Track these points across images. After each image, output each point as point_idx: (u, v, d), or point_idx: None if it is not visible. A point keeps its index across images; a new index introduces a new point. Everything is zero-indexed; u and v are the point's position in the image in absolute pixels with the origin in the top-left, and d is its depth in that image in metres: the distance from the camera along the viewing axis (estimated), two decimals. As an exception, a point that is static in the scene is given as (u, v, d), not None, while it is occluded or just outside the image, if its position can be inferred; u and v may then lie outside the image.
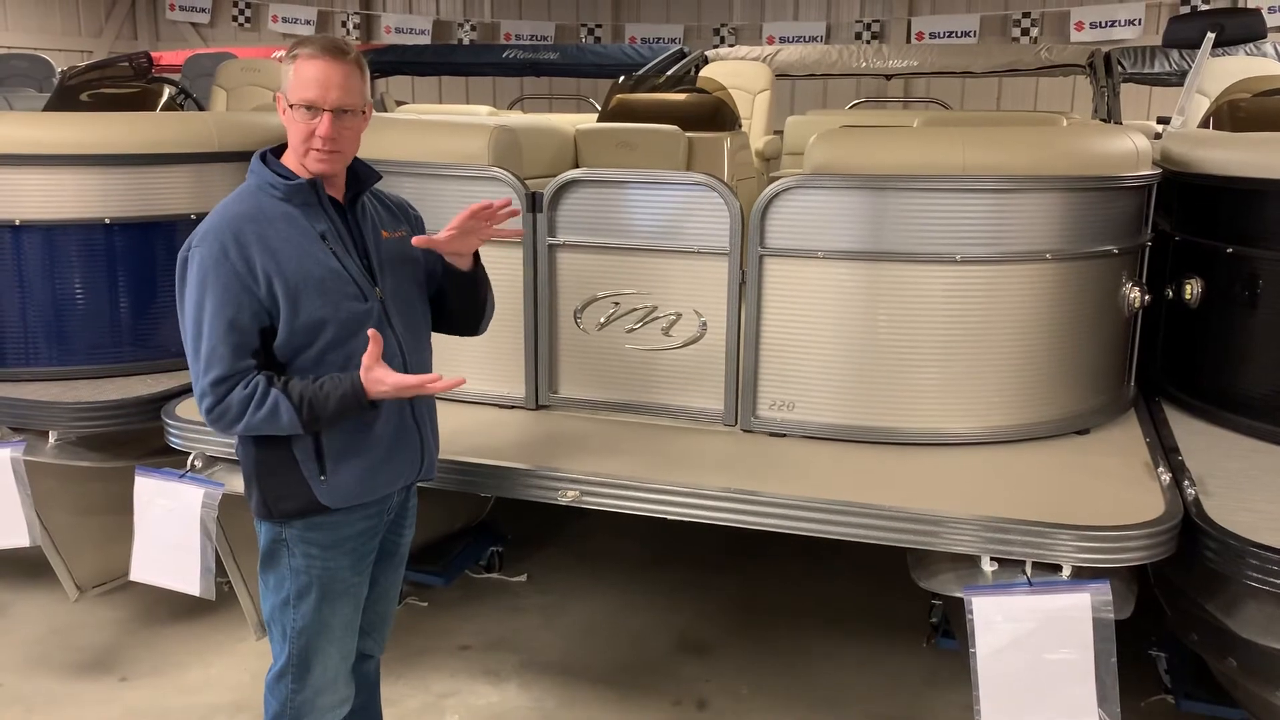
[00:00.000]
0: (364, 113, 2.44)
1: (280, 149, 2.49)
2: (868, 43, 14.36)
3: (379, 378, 2.36)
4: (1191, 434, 3.40)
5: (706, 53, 7.21)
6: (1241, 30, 4.80)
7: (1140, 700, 3.52)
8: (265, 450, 2.45)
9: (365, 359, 2.36)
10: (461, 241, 2.57)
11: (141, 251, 3.93)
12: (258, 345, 2.36)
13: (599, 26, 15.98)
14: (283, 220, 2.39)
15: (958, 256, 3.15)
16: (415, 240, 2.55)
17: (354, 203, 2.52)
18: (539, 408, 3.63)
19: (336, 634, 2.59)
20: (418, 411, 2.59)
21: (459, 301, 2.71)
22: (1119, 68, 6.03)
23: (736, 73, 6.81)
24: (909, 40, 14.19)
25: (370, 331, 2.37)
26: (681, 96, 5.39)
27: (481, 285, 2.73)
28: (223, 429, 2.40)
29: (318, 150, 2.37)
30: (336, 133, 2.36)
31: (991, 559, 2.74)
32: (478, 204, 2.55)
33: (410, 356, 2.55)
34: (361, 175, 2.54)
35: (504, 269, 3.54)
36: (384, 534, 2.67)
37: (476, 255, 2.67)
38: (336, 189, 2.49)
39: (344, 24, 16.80)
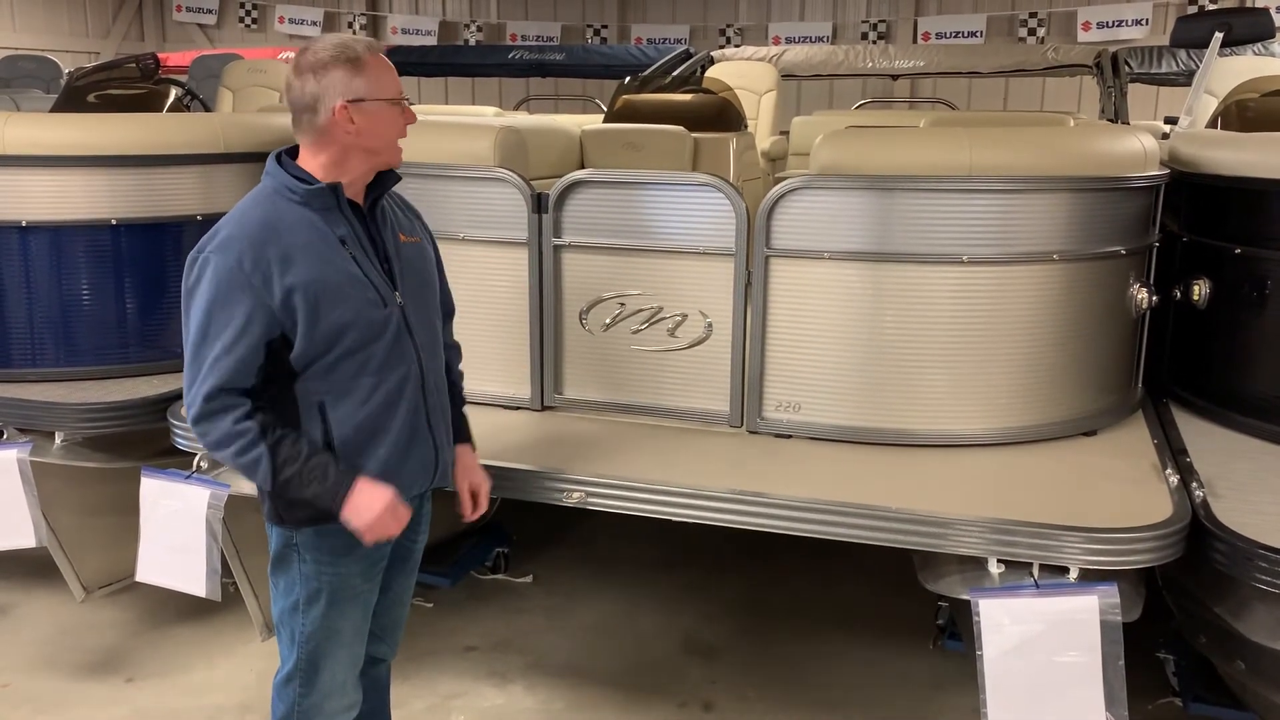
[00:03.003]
0: None
1: (294, 150, 2.44)
2: (874, 43, 14.36)
3: (367, 521, 2.38)
4: (1199, 436, 3.39)
5: (712, 53, 7.20)
6: (1249, 30, 4.78)
7: (1148, 703, 3.51)
8: None
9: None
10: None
11: (148, 252, 3.93)
12: (262, 361, 2.30)
13: (605, 27, 15.99)
14: (301, 225, 2.34)
15: (964, 257, 3.14)
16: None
17: (374, 207, 2.49)
18: (544, 409, 3.63)
19: (346, 639, 2.57)
20: (432, 419, 2.54)
21: None
22: (1126, 68, 6.02)
23: (742, 73, 6.81)
24: (915, 40, 14.18)
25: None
26: (687, 97, 5.39)
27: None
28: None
29: (401, 139, 2.44)
30: None
31: (998, 561, 2.74)
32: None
33: (427, 363, 2.52)
34: (383, 177, 2.50)
35: (509, 270, 3.55)
36: (397, 539, 2.63)
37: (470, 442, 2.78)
38: (356, 192, 2.45)
39: (350, 24, 16.84)
